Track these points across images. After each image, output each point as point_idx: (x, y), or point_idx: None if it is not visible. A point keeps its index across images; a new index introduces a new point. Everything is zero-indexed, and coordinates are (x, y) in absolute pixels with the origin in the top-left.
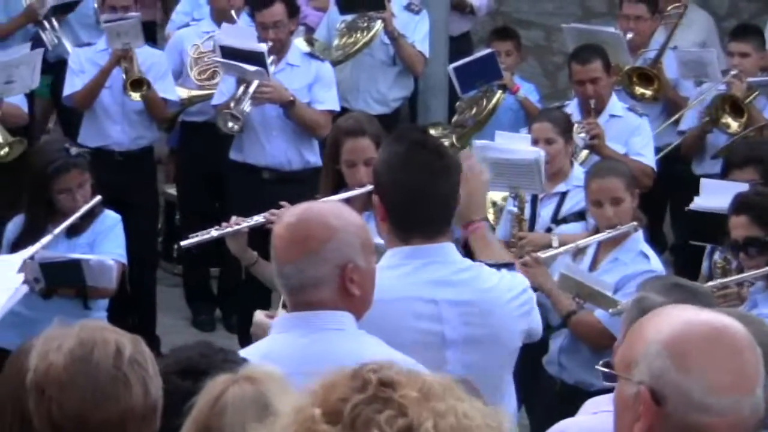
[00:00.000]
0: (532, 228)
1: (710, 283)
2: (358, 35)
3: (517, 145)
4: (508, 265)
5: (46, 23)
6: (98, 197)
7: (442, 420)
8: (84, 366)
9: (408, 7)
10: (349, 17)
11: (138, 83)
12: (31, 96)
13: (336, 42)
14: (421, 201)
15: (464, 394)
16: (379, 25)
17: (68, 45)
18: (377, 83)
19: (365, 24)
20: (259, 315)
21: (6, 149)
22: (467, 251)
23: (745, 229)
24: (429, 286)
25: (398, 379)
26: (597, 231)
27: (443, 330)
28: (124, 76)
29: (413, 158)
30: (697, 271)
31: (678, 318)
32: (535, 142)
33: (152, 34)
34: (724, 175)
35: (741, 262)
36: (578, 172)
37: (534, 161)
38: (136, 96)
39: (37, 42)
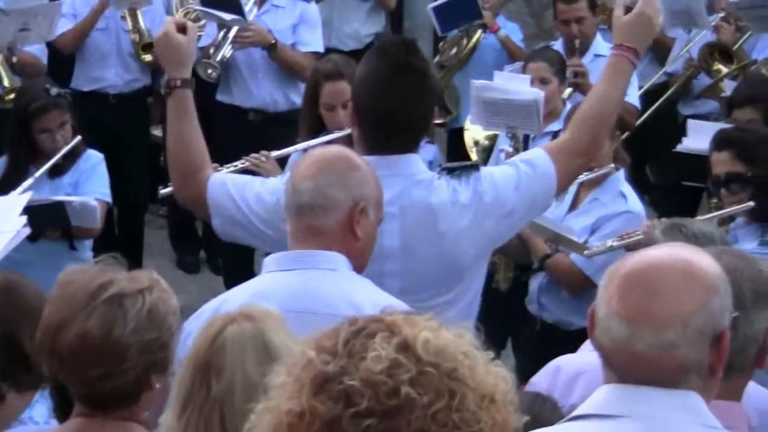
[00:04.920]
0: None
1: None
2: None
3: (516, 85)
4: (475, 168)
5: None
6: (78, 137)
7: (437, 335)
8: (65, 290)
9: None
10: None
11: (150, 46)
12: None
13: None
14: (391, 122)
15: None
16: None
17: None
18: (350, 20)
19: None
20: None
21: (13, 95)
22: None
23: (727, 165)
24: None
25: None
26: None
27: (382, 240)
28: (126, 29)
29: (393, 80)
30: (685, 212)
31: (641, 254)
32: (530, 81)
33: None
34: (727, 115)
35: (722, 199)
36: None
37: (534, 101)
38: (148, 58)
39: None
